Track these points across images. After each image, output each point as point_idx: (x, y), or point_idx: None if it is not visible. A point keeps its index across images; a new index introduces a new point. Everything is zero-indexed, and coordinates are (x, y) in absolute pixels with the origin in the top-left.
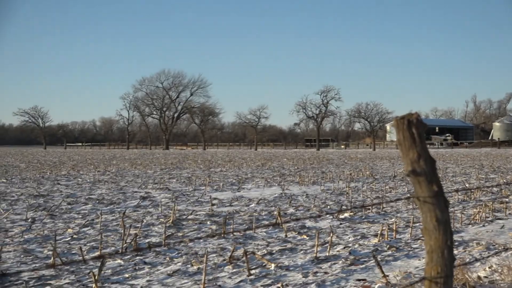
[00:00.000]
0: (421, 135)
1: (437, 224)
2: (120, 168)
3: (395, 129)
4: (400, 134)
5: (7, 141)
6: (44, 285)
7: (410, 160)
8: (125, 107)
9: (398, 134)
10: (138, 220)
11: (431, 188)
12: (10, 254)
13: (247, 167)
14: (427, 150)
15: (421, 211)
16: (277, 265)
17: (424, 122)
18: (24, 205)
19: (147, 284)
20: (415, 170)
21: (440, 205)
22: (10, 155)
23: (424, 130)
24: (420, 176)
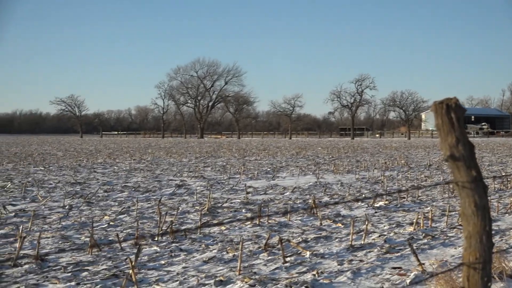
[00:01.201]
0: (459, 119)
1: (476, 210)
2: (156, 157)
3: (434, 114)
4: (438, 119)
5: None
6: (81, 271)
7: (449, 145)
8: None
9: (437, 119)
10: (173, 208)
11: (469, 173)
12: (49, 240)
13: (281, 156)
14: (466, 135)
15: (459, 197)
16: (312, 253)
17: (463, 107)
18: (62, 193)
19: (183, 270)
20: (454, 155)
21: (479, 191)
22: (48, 144)
23: (463, 115)
24: (459, 161)
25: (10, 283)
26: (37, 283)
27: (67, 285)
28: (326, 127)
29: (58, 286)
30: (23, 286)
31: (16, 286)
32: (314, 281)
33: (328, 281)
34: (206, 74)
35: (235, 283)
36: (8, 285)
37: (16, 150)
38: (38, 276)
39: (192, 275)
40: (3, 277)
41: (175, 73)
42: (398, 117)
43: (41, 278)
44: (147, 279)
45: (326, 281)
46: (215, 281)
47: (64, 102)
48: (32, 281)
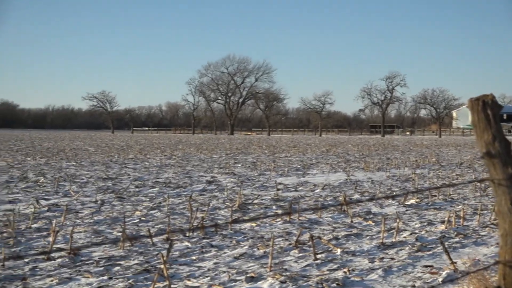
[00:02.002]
0: (496, 116)
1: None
2: (186, 153)
3: (470, 111)
4: (474, 116)
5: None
6: (114, 265)
7: (485, 142)
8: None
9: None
10: (204, 204)
11: (506, 171)
12: (81, 234)
13: (311, 153)
14: (502, 131)
15: (495, 194)
16: (343, 250)
17: (499, 104)
18: (94, 188)
19: (214, 266)
20: (490, 152)
21: None
22: (79, 139)
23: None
24: (495, 158)
25: (44, 276)
26: (70, 277)
27: (100, 279)
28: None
29: (90, 280)
30: (57, 279)
31: (50, 279)
32: (345, 279)
33: (359, 279)
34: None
35: (266, 280)
36: (42, 278)
37: (48, 145)
38: (71, 270)
39: (223, 271)
40: (37, 270)
41: (206, 70)
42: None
43: (74, 272)
44: (178, 275)
45: (357, 279)
46: (246, 277)
47: (96, 97)
48: (65, 275)
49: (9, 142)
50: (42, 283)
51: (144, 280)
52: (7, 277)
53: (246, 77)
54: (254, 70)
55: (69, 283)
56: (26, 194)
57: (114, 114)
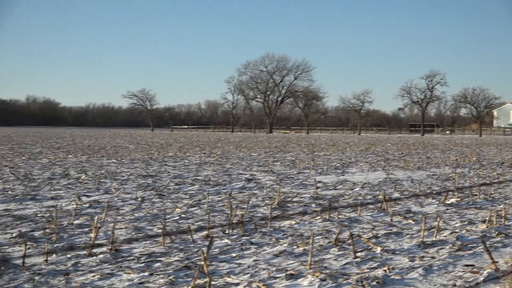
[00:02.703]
0: None
1: None
2: (225, 151)
3: None
4: None
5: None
6: (154, 262)
7: None
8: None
9: None
10: (243, 201)
11: None
12: (122, 231)
13: (350, 152)
14: None
15: None
16: (383, 249)
17: None
18: (134, 185)
19: (254, 263)
20: None
21: None
22: (120, 137)
23: None
24: None
25: (86, 272)
26: (111, 273)
27: (141, 275)
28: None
29: (132, 276)
30: (98, 275)
31: (92, 275)
32: (385, 277)
33: (400, 277)
34: (276, 69)
35: (306, 277)
36: (84, 273)
37: (89, 143)
38: (113, 266)
39: (263, 268)
40: (79, 266)
41: (245, 68)
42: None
43: (115, 267)
44: (218, 271)
45: (398, 277)
46: (286, 275)
47: (136, 96)
48: (106, 270)
49: (50, 140)
50: (84, 279)
51: (185, 277)
52: (50, 272)
53: (285, 75)
54: (293, 68)
55: (110, 279)
56: (68, 191)
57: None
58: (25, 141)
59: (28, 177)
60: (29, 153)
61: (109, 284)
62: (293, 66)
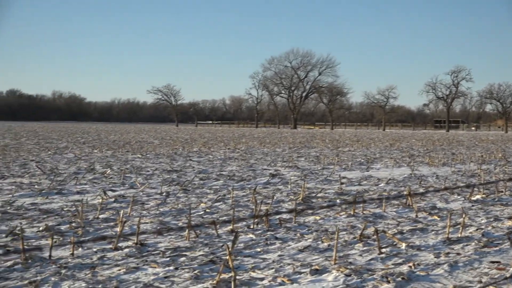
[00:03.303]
0: None
1: None
2: (250, 146)
3: None
4: None
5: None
6: (179, 256)
7: None
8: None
9: None
10: (268, 197)
11: None
12: (147, 225)
13: (375, 147)
14: None
15: None
16: (408, 245)
17: None
18: (159, 180)
19: (278, 258)
20: None
21: None
22: (144, 132)
23: None
24: None
25: (112, 265)
26: (137, 267)
27: (166, 270)
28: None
29: (157, 270)
30: (124, 269)
31: (117, 268)
32: (410, 273)
33: (425, 273)
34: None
35: (331, 273)
36: (110, 267)
37: (114, 138)
38: (138, 260)
39: (288, 263)
40: (105, 260)
41: (269, 64)
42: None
43: (140, 262)
44: (243, 266)
45: (423, 273)
46: (310, 270)
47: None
48: (132, 264)
49: (76, 135)
50: (110, 272)
51: (210, 271)
52: (76, 266)
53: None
54: (317, 64)
55: (136, 273)
56: (93, 185)
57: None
58: (51, 136)
59: (54, 171)
60: (55, 148)
61: (134, 277)
62: (317, 61)
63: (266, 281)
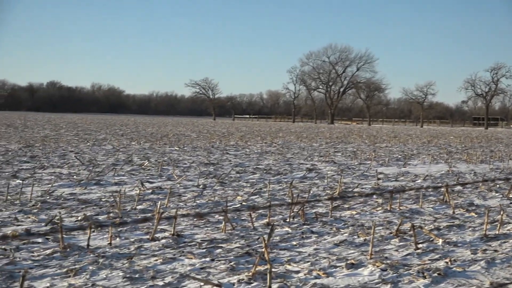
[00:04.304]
0: None
1: None
2: (286, 141)
3: None
4: None
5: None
6: (216, 248)
7: None
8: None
9: None
10: (304, 191)
11: None
12: (184, 217)
13: (412, 144)
14: None
15: None
16: (444, 241)
17: None
18: (196, 172)
19: (314, 252)
20: None
21: None
22: (182, 125)
23: None
24: None
25: (149, 256)
26: (173, 257)
27: (202, 261)
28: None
29: (193, 261)
30: (161, 259)
31: (154, 259)
32: (447, 269)
33: (461, 270)
34: (338, 60)
35: (367, 267)
36: (147, 257)
37: (152, 130)
38: (175, 251)
39: (324, 257)
40: (142, 250)
41: (307, 58)
42: None
43: (177, 252)
44: (279, 259)
45: (459, 270)
46: (346, 264)
47: (199, 85)
48: (169, 255)
49: (114, 127)
50: (147, 262)
51: (246, 263)
52: (114, 255)
53: (347, 66)
54: (355, 59)
55: (172, 263)
56: (131, 177)
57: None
58: (90, 127)
59: (93, 162)
60: (94, 139)
61: (171, 268)
62: (355, 57)
63: (302, 274)
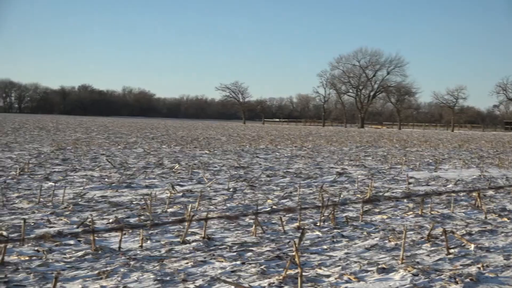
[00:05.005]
0: None
1: None
2: (316, 144)
3: None
4: None
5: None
6: (246, 251)
7: None
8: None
9: None
10: (335, 195)
11: None
12: (214, 220)
13: (443, 148)
14: None
15: None
16: (476, 246)
17: None
18: (226, 176)
19: (345, 256)
20: None
21: None
22: (212, 128)
23: None
24: None
25: (179, 258)
26: (204, 260)
27: (233, 264)
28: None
29: (224, 264)
30: (191, 262)
31: (185, 261)
32: (479, 274)
33: (494, 275)
34: (368, 64)
35: (398, 272)
36: (178, 260)
37: (182, 134)
38: (205, 254)
39: (354, 261)
40: (173, 253)
41: (337, 62)
42: None
43: (208, 255)
44: (309, 263)
45: (492, 275)
46: (377, 268)
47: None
48: (199, 258)
49: (145, 130)
50: (178, 265)
51: (276, 267)
52: (145, 258)
53: (377, 70)
54: (386, 63)
55: (203, 266)
56: (162, 180)
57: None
58: (121, 130)
59: (124, 165)
60: (125, 143)
61: (202, 271)
62: (386, 60)
63: (333, 278)
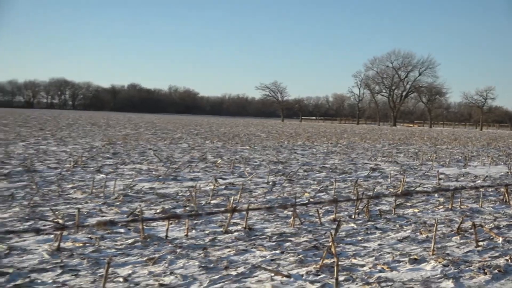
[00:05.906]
0: None
1: None
2: (351, 141)
3: None
4: None
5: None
6: (285, 241)
7: None
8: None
9: None
10: (368, 189)
11: None
12: (255, 212)
13: (472, 146)
14: None
15: None
16: (504, 239)
17: None
18: (265, 170)
19: (378, 247)
20: None
21: None
22: (252, 126)
23: None
24: None
25: (222, 247)
26: (245, 249)
27: (272, 253)
28: None
29: (264, 253)
30: (234, 250)
31: (228, 250)
32: (507, 266)
33: None
34: (401, 65)
35: (429, 262)
36: (221, 249)
37: (224, 130)
38: (246, 243)
39: (387, 252)
40: (216, 242)
41: (372, 64)
42: None
43: (249, 245)
44: (345, 253)
45: None
46: (409, 259)
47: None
48: (241, 247)
49: (189, 127)
50: (221, 253)
51: (313, 256)
52: (190, 246)
53: (410, 71)
54: (418, 64)
55: (245, 255)
56: (205, 173)
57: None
58: (167, 127)
59: (170, 159)
60: (171, 138)
61: (243, 259)
62: (418, 62)
63: (367, 268)
